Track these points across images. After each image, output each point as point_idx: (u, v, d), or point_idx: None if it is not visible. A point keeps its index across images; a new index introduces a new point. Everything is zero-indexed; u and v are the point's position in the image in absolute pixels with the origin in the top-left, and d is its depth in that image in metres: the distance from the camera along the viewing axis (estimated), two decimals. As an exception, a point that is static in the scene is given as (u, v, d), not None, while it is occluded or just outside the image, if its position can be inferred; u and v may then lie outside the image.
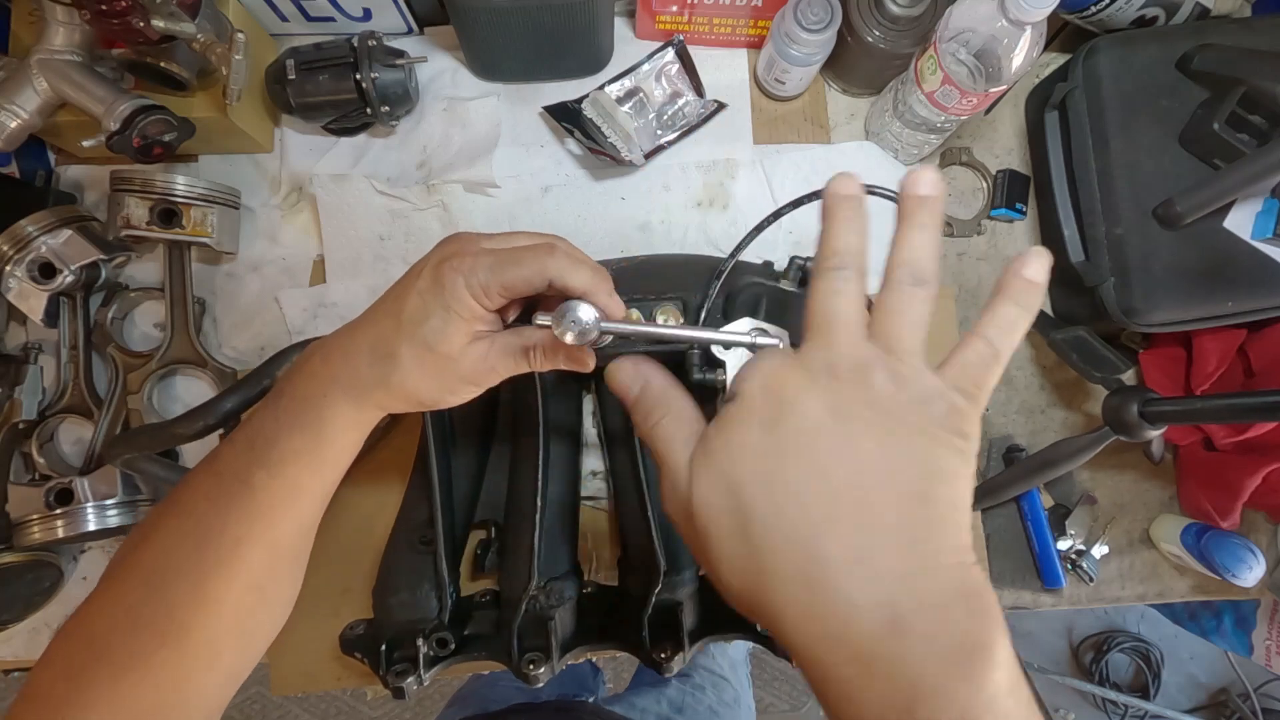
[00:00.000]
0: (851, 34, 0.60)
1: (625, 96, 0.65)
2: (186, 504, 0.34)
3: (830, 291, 0.27)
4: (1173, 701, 1.69)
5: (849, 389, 0.25)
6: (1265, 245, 0.57)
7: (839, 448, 0.25)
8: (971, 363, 0.27)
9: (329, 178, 0.64)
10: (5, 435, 0.58)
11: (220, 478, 0.34)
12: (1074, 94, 0.61)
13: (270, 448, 0.33)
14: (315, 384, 0.34)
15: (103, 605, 0.34)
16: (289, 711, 1.62)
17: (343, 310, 0.63)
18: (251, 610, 0.35)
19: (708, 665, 0.93)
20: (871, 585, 0.23)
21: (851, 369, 0.26)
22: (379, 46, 0.59)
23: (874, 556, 0.24)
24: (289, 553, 0.36)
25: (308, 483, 0.34)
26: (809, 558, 0.24)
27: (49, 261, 0.56)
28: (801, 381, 0.26)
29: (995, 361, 0.27)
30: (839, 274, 0.28)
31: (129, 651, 0.32)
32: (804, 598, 0.24)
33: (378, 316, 0.34)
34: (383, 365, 0.32)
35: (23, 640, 0.60)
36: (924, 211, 0.29)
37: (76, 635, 0.33)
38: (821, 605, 0.24)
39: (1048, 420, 0.68)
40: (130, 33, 0.48)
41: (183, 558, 0.33)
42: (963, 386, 0.26)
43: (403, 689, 0.50)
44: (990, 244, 0.69)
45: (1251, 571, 0.59)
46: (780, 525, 0.24)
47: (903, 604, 0.23)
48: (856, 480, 0.24)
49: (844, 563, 0.24)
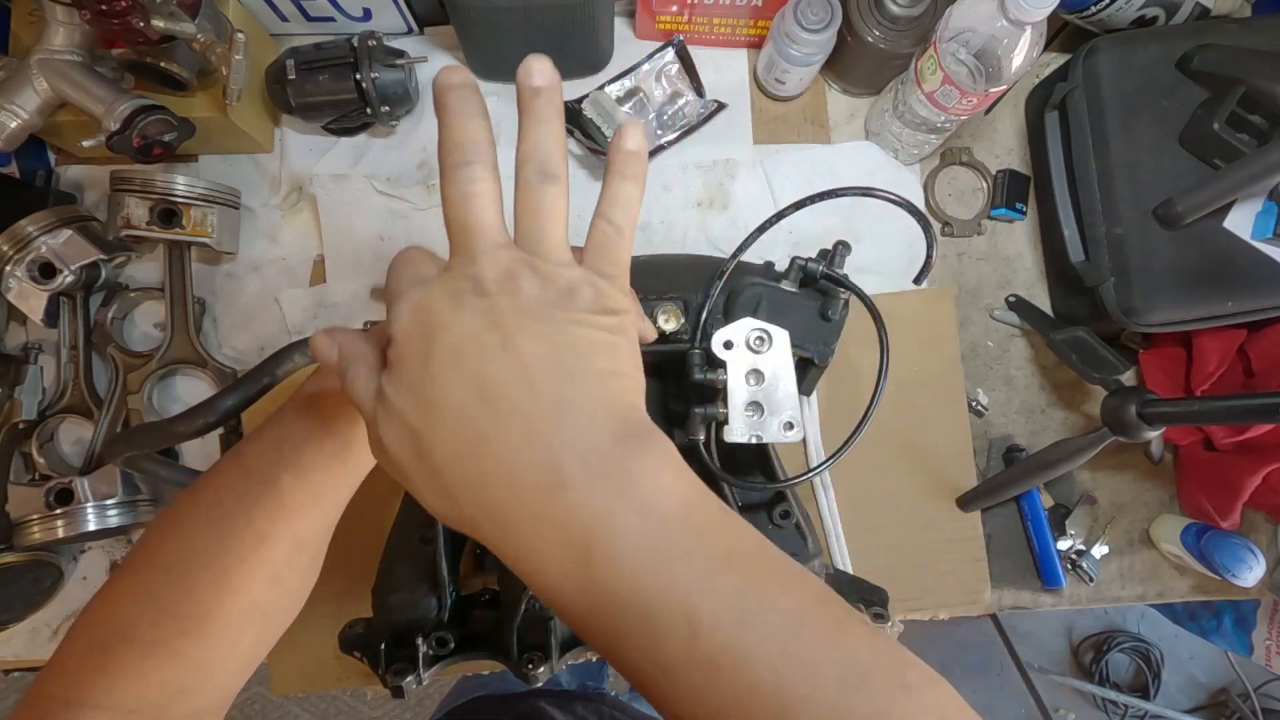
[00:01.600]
0: (851, 34, 0.60)
1: (625, 96, 0.65)
2: (213, 497, 0.35)
3: (462, 197, 0.27)
4: (1173, 701, 1.69)
5: (499, 301, 0.25)
6: (1265, 245, 0.57)
7: (496, 354, 0.25)
8: (602, 244, 0.29)
9: (329, 178, 0.64)
10: (5, 435, 0.58)
11: (248, 475, 0.35)
12: (1074, 94, 0.61)
13: (298, 452, 0.34)
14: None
15: (126, 590, 0.35)
16: (289, 711, 1.62)
17: (343, 310, 0.64)
18: (272, 600, 0.36)
19: None
20: (535, 454, 0.24)
21: (497, 280, 0.26)
22: (379, 46, 0.59)
23: (535, 431, 0.24)
24: (310, 548, 0.37)
25: (332, 486, 0.35)
26: (479, 460, 0.24)
27: (49, 261, 0.56)
28: (446, 305, 0.26)
29: (620, 236, 0.29)
30: (465, 170, 0.27)
31: (154, 635, 0.33)
32: (483, 498, 0.25)
33: None
34: None
35: (23, 640, 0.60)
36: (540, 103, 0.28)
37: (102, 615, 0.35)
38: (495, 491, 0.24)
39: (1048, 420, 0.68)
40: (130, 33, 0.48)
41: (207, 549, 0.34)
42: (600, 269, 0.28)
43: (402, 688, 0.50)
44: (990, 244, 0.69)
45: (1251, 571, 0.59)
46: (450, 443, 0.25)
47: (564, 461, 0.24)
48: (515, 376, 0.25)
49: (510, 448, 0.24)
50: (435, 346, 0.25)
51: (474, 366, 0.25)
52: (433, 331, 0.25)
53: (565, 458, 0.24)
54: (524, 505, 0.24)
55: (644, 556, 0.23)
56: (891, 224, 0.66)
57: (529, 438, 0.24)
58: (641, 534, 0.24)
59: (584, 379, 0.26)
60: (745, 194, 0.67)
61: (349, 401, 0.33)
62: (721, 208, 0.67)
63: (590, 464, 0.24)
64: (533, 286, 0.26)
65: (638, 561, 0.23)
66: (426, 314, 0.26)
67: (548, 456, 0.24)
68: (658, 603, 0.23)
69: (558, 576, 0.24)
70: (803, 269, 0.46)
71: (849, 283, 0.46)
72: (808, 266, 0.46)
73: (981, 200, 0.69)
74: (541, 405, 0.25)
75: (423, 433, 0.25)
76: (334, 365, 0.30)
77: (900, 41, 0.60)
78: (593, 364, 0.26)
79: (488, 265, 0.26)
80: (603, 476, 0.24)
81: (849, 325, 0.47)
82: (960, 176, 0.69)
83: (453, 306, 0.26)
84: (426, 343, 0.25)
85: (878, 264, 0.66)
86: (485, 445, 0.24)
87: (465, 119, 0.27)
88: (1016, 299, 0.67)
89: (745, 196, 0.67)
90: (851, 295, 0.46)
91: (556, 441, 0.24)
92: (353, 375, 0.28)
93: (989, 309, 0.68)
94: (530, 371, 0.25)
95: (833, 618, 0.24)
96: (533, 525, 0.24)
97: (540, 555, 0.24)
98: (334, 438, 0.34)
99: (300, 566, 0.37)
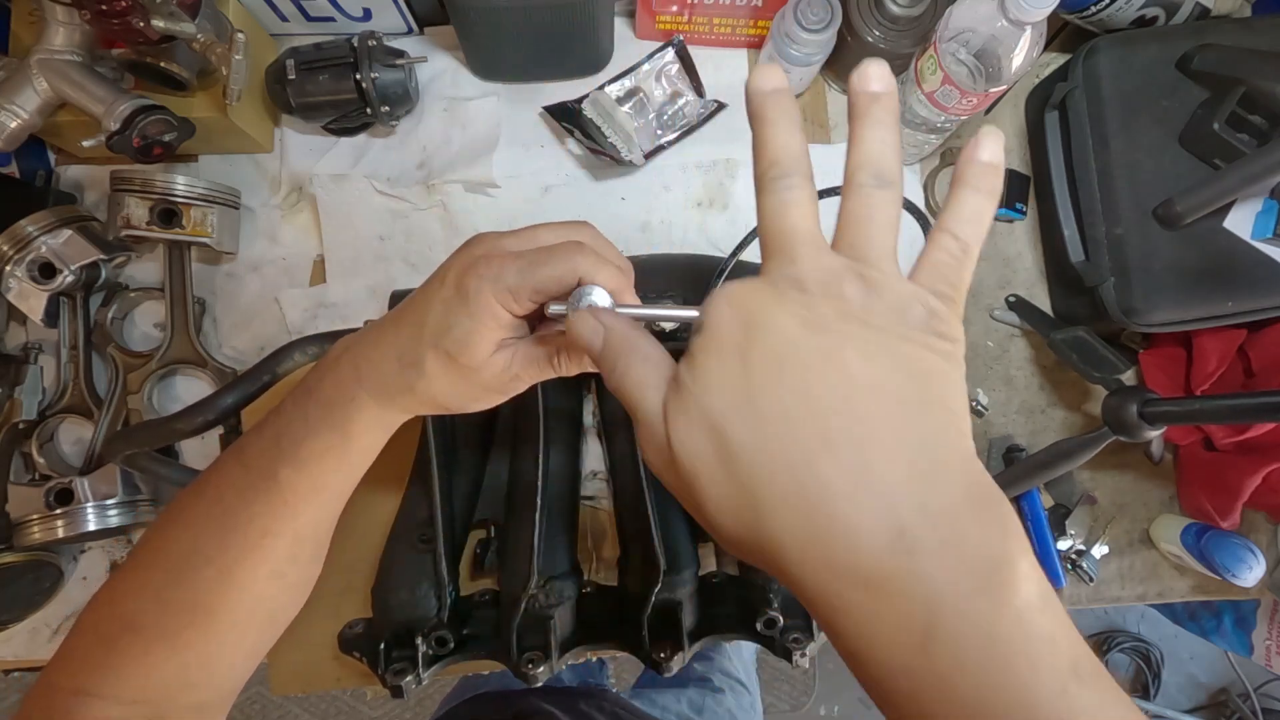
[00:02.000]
0: (851, 34, 0.60)
1: (625, 96, 0.65)
2: (214, 493, 0.36)
3: (780, 206, 0.25)
4: (1173, 701, 1.69)
5: (821, 303, 0.23)
6: (1265, 245, 0.57)
7: (820, 364, 0.23)
8: (943, 262, 0.25)
9: (329, 178, 0.64)
10: (5, 435, 0.58)
11: (248, 470, 0.35)
12: (1074, 94, 0.61)
13: (297, 446, 0.34)
14: (343, 388, 0.34)
15: (131, 584, 0.35)
16: (289, 711, 1.62)
17: (343, 310, 0.64)
18: (275, 595, 0.36)
19: (725, 669, 0.92)
20: (873, 501, 0.21)
21: (819, 282, 0.24)
22: (379, 46, 0.59)
23: (872, 471, 0.22)
24: (311, 542, 0.37)
25: (332, 480, 0.35)
26: (803, 483, 0.22)
27: (49, 261, 0.56)
28: (768, 300, 0.24)
29: (966, 256, 0.25)
30: (784, 183, 0.25)
31: (159, 629, 0.34)
32: (803, 526, 0.22)
33: (402, 324, 0.33)
34: (408, 373, 0.33)
35: (23, 640, 0.60)
36: (879, 108, 0.26)
37: (107, 609, 0.35)
38: (823, 531, 0.22)
39: (1048, 420, 0.68)
40: (130, 33, 0.48)
41: (210, 544, 0.34)
42: (938, 289, 0.25)
43: (401, 688, 0.50)
44: (990, 244, 0.69)
45: (1251, 571, 0.59)
46: (768, 455, 0.22)
47: (909, 518, 0.21)
48: (843, 395, 0.22)
49: (842, 483, 0.22)
50: (756, 345, 0.23)
51: (798, 374, 0.23)
52: (754, 328, 0.23)
53: (909, 513, 0.21)
54: (858, 556, 0.21)
55: (999, 654, 0.20)
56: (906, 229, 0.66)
57: (864, 477, 0.22)
58: (994, 623, 0.20)
59: (923, 412, 0.23)
60: (745, 194, 0.67)
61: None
62: (721, 208, 0.67)
63: (939, 526, 0.21)
64: (859, 293, 0.24)
65: (987, 656, 0.20)
66: (746, 309, 0.24)
67: (889, 506, 0.21)
68: (995, 704, 0.20)
69: (884, 648, 0.21)
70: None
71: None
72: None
73: (981, 200, 0.69)
74: (877, 437, 0.22)
75: (736, 438, 0.23)
76: (595, 349, 0.29)
77: (900, 41, 0.60)
78: (930, 393, 0.23)
79: (809, 268, 0.24)
80: (956, 545, 0.21)
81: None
82: (960, 176, 0.69)
83: (773, 299, 0.24)
84: (746, 339, 0.23)
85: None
86: (811, 471, 0.22)
87: (785, 134, 0.26)
88: (1016, 299, 0.67)
89: (745, 196, 0.67)
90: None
91: (900, 490, 0.22)
92: (629, 363, 0.27)
93: (989, 309, 0.68)
94: (862, 390, 0.22)
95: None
96: (865, 582, 0.21)
97: (866, 618, 0.22)
98: (333, 431, 0.34)
99: (302, 561, 0.37)
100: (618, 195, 0.66)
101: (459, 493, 0.56)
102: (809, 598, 0.23)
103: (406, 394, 0.33)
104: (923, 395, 0.23)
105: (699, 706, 0.82)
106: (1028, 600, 0.21)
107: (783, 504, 0.22)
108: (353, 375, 0.34)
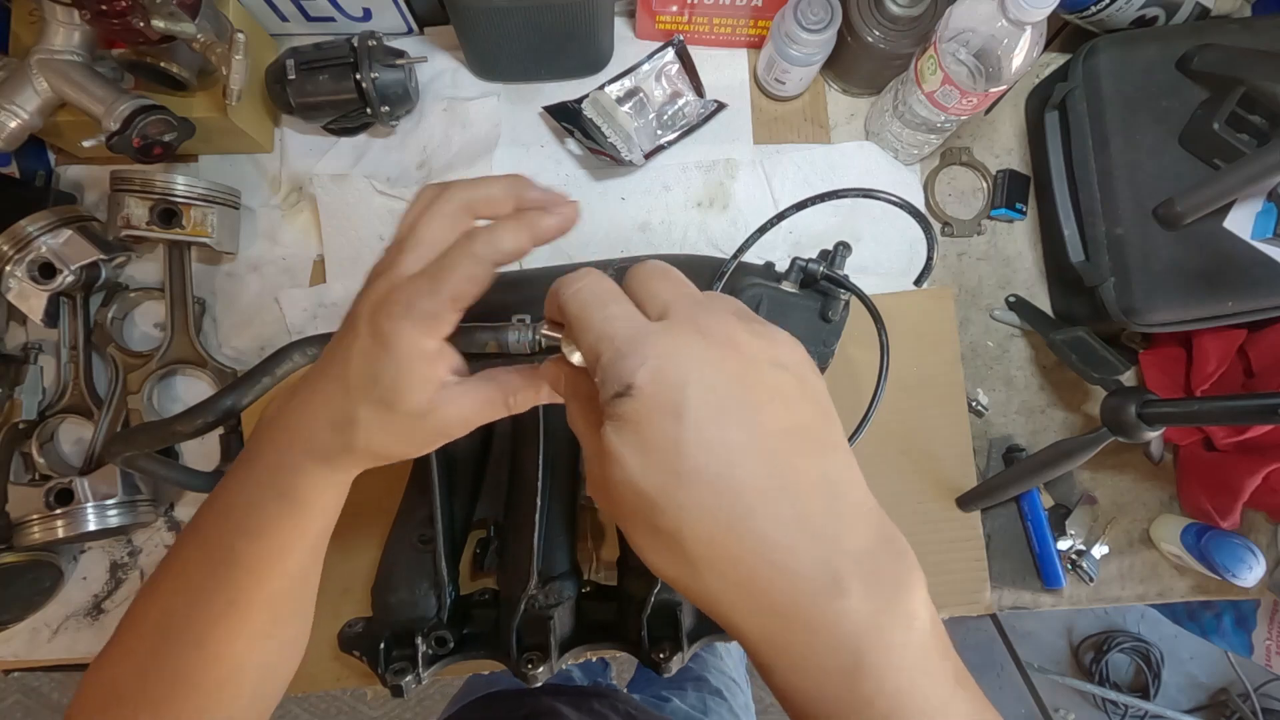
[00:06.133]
0: (851, 34, 0.60)
1: (625, 96, 0.65)
2: (179, 567, 0.35)
3: (603, 320, 0.26)
4: (1173, 701, 1.69)
5: (729, 354, 0.25)
6: (1265, 245, 0.57)
7: (747, 419, 0.23)
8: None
9: (329, 178, 0.64)
10: (5, 435, 0.58)
11: (205, 547, 0.34)
12: (1074, 94, 0.61)
13: (247, 516, 0.33)
14: (284, 455, 0.33)
15: (117, 657, 0.35)
16: (289, 711, 1.62)
17: (343, 310, 0.63)
18: (261, 652, 0.36)
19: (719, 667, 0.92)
20: (811, 548, 0.23)
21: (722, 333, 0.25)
22: (379, 46, 0.59)
23: (807, 519, 0.23)
24: (287, 600, 0.36)
25: (293, 543, 0.34)
26: (742, 538, 0.23)
27: (49, 261, 0.56)
28: (686, 361, 0.24)
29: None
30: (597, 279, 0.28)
31: (144, 698, 0.34)
32: (746, 580, 0.23)
33: (323, 382, 0.32)
34: (344, 433, 0.31)
35: (23, 640, 0.60)
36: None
37: (97, 679, 0.35)
38: (764, 581, 0.23)
39: (1048, 420, 0.68)
40: (130, 33, 0.48)
41: (182, 617, 0.34)
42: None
43: (401, 687, 0.50)
44: (990, 244, 0.69)
45: (1251, 571, 0.59)
46: (700, 516, 0.23)
47: (838, 562, 0.23)
48: (776, 447, 0.23)
49: (780, 534, 0.23)
50: (686, 402, 0.23)
51: (730, 429, 0.23)
52: (682, 386, 0.23)
53: (837, 556, 0.23)
54: (798, 601, 0.23)
55: (908, 675, 0.23)
56: (891, 224, 0.66)
57: (803, 527, 0.23)
58: (906, 649, 0.23)
59: (836, 451, 0.25)
60: (745, 194, 0.67)
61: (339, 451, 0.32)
62: (721, 208, 0.67)
63: (862, 565, 0.23)
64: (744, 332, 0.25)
65: (901, 678, 0.23)
66: (675, 365, 0.24)
67: (823, 552, 0.23)
68: (902, 718, 0.23)
69: (816, 681, 0.23)
70: (803, 269, 0.46)
71: (849, 283, 0.46)
72: (808, 267, 0.46)
73: (981, 200, 0.69)
74: (804, 483, 0.23)
75: (660, 497, 0.23)
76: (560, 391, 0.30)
77: (900, 41, 0.60)
78: (835, 436, 0.25)
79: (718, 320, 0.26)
80: (876, 583, 0.23)
81: (849, 326, 0.47)
82: (960, 176, 0.69)
83: (694, 363, 0.24)
84: (676, 397, 0.23)
85: (878, 264, 0.66)
86: (748, 527, 0.23)
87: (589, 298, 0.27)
88: (1016, 299, 0.67)
89: (745, 196, 0.67)
90: (852, 296, 0.46)
91: (827, 535, 0.23)
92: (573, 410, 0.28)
93: (989, 309, 0.68)
94: (784, 440, 0.24)
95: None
96: (805, 625, 0.23)
97: (803, 655, 0.23)
98: (281, 498, 0.33)
99: (283, 618, 0.36)
100: (618, 195, 0.66)
101: (459, 492, 0.56)
102: (748, 640, 0.24)
103: (345, 454, 0.32)
104: (833, 439, 0.25)
105: (702, 708, 0.82)
106: (924, 623, 0.23)
107: (721, 561, 0.23)
108: (287, 441, 0.32)
